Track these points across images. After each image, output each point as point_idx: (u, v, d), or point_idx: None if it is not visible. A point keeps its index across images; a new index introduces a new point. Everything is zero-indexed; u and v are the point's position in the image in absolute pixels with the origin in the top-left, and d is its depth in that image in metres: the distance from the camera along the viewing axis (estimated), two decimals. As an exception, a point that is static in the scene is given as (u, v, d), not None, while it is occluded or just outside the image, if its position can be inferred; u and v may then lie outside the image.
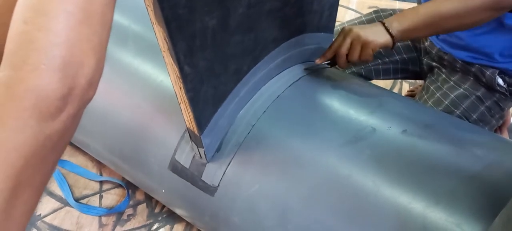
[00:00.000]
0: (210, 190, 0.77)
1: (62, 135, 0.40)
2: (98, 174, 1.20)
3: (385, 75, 1.18)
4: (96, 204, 1.13)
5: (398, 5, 1.95)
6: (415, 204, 0.64)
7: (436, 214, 0.62)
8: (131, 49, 0.92)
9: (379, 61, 1.14)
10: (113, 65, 0.91)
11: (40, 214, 1.11)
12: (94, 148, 1.01)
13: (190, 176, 0.79)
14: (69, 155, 1.24)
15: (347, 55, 0.85)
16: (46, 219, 1.10)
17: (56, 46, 0.37)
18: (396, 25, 0.83)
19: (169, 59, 0.60)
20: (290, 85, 0.82)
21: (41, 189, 0.40)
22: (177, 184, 0.82)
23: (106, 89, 0.91)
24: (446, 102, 0.99)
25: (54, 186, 1.17)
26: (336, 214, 0.68)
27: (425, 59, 1.12)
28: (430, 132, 0.71)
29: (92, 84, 0.42)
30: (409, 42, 1.15)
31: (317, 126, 0.76)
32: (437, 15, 0.81)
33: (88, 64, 0.40)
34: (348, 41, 0.84)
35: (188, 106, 0.67)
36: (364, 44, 0.83)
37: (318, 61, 0.88)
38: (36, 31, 0.37)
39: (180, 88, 0.64)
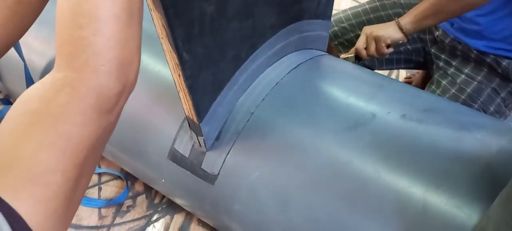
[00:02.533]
0: (210, 178, 0.77)
1: (114, 125, 0.47)
2: (97, 166, 1.19)
3: (388, 65, 1.18)
4: (95, 196, 1.13)
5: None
6: (415, 188, 0.64)
7: (436, 198, 0.62)
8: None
9: None
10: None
11: (39, 207, 1.11)
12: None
13: (190, 165, 0.79)
14: (67, 148, 1.24)
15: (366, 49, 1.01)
16: (45, 212, 1.10)
17: (111, 49, 0.42)
18: (406, 19, 0.94)
19: (167, 46, 0.60)
20: (289, 72, 0.82)
21: (92, 175, 0.46)
22: (176, 173, 0.82)
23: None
24: (463, 97, 0.98)
25: (52, 178, 1.17)
26: (336, 200, 0.68)
27: (433, 50, 1.10)
28: (430, 116, 0.71)
29: (137, 77, 0.47)
30: (414, 33, 1.15)
31: (316, 112, 0.76)
32: None
33: (136, 61, 0.46)
34: (363, 38, 1.00)
35: (187, 94, 0.66)
36: (377, 39, 0.97)
37: (342, 56, 1.05)
38: (93, 36, 0.41)
39: (179, 75, 0.64)
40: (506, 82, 0.98)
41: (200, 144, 0.77)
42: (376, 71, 1.14)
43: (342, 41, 1.21)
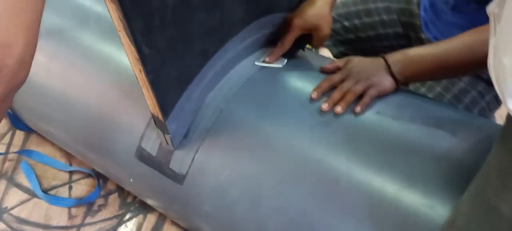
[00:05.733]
0: (178, 178, 0.74)
1: None
2: (67, 164, 1.15)
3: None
4: (66, 195, 1.09)
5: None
6: (388, 187, 0.62)
7: (409, 196, 0.60)
8: (94, 31, 0.87)
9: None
10: (74, 48, 0.87)
11: (7, 207, 1.06)
12: (59, 137, 0.97)
13: (158, 164, 0.76)
14: (36, 145, 1.19)
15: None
16: (13, 212, 1.05)
17: None
18: (400, 70, 0.74)
19: (125, 40, 0.57)
20: (261, 68, 0.79)
21: None
22: (144, 173, 0.78)
23: (67, 74, 0.87)
24: (448, 97, 0.96)
25: (21, 177, 1.12)
26: (308, 197, 0.66)
27: None
28: (404, 112, 0.69)
29: (23, 66, 0.39)
30: (400, 30, 1.10)
31: (288, 108, 0.73)
32: (448, 56, 0.72)
33: (16, 46, 0.39)
34: (350, 82, 0.74)
35: (150, 90, 0.63)
36: (369, 87, 0.73)
37: (313, 95, 0.74)
38: None
39: (140, 70, 0.60)
40: (491, 87, 0.97)
41: (167, 142, 0.74)
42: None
43: None
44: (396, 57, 0.76)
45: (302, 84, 0.78)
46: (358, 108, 0.70)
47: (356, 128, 0.69)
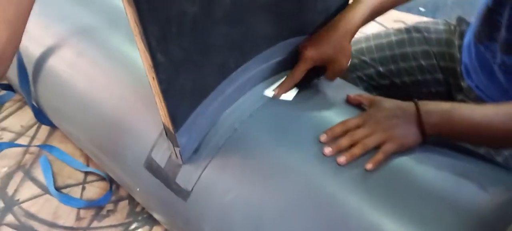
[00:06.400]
0: (183, 194, 0.71)
1: None
2: (85, 164, 1.15)
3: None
4: (78, 195, 1.08)
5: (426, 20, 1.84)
6: (401, 235, 0.56)
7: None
8: (123, 33, 0.87)
9: None
10: (101, 48, 0.86)
11: (19, 199, 1.07)
12: (76, 135, 0.97)
13: (165, 176, 0.73)
14: (59, 141, 1.20)
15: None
16: (24, 205, 1.05)
17: None
18: (433, 122, 0.64)
19: (141, 45, 0.55)
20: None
21: None
22: (151, 184, 0.76)
23: (90, 73, 0.86)
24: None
25: (38, 171, 1.13)
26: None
27: (461, 97, 0.99)
28: (428, 157, 0.64)
29: (3, 59, 0.37)
30: (440, 76, 1.02)
31: (306, 136, 0.69)
32: (494, 123, 0.64)
33: None
34: (365, 131, 0.65)
35: (162, 100, 0.61)
36: (386, 141, 0.64)
37: (322, 138, 0.67)
38: None
39: (153, 78, 0.58)
40: None
41: (177, 155, 0.71)
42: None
43: (360, 75, 1.08)
44: (431, 107, 0.65)
45: (325, 113, 0.74)
46: (369, 166, 0.62)
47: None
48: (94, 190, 1.10)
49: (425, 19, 1.84)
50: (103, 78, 0.85)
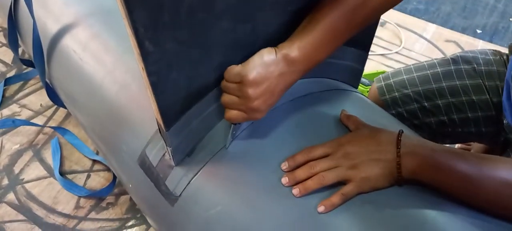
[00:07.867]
0: (170, 198, 0.65)
1: None
2: (95, 152, 1.12)
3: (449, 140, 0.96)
4: (82, 182, 1.05)
5: (481, 45, 1.68)
6: None
7: None
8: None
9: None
10: (112, 32, 0.83)
11: (23, 179, 1.05)
12: (80, 120, 0.93)
13: (155, 176, 0.68)
14: (74, 125, 1.18)
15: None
16: (27, 185, 1.04)
17: None
18: (413, 166, 0.55)
19: (129, 30, 0.50)
20: (293, 99, 0.69)
21: None
22: (142, 181, 0.71)
23: (99, 56, 0.83)
24: None
25: (47, 153, 1.11)
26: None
27: (510, 136, 0.87)
28: (455, 209, 0.54)
29: None
30: (493, 113, 0.88)
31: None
32: (485, 184, 0.54)
33: None
34: (326, 164, 0.57)
35: (152, 93, 0.56)
36: (349, 180, 0.56)
37: (283, 166, 0.60)
38: None
39: (142, 68, 0.53)
40: None
41: (169, 156, 0.66)
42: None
43: (401, 111, 0.93)
44: (415, 149, 0.56)
45: (337, 131, 0.66)
46: (320, 208, 0.54)
47: (381, 203, 0.56)
48: (99, 179, 1.07)
49: (480, 42, 1.71)
50: (109, 63, 0.81)
